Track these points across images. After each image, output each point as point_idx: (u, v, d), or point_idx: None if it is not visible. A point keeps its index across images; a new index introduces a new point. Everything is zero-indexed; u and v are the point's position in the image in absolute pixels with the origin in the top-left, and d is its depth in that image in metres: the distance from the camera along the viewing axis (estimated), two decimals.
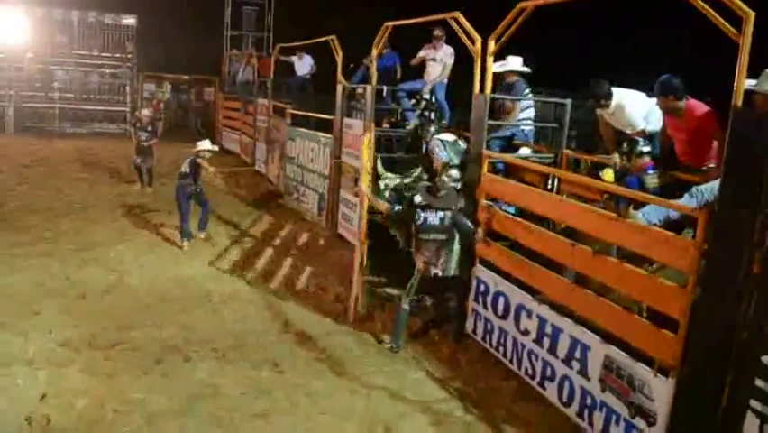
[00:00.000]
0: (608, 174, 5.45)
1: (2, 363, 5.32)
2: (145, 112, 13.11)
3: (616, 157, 5.58)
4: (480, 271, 6.09)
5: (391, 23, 8.07)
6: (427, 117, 9.54)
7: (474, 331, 6.18)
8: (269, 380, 5.41)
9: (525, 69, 7.71)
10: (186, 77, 23.06)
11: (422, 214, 6.03)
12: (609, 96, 5.93)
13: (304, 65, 15.05)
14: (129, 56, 22.40)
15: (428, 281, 6.14)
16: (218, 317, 6.66)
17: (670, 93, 5.10)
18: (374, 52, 8.63)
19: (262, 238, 9.69)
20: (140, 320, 6.39)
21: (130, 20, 22.50)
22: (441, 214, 6.02)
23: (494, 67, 6.34)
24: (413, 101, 9.83)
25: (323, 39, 10.48)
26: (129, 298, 6.98)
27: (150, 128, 12.29)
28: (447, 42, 9.36)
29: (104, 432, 4.54)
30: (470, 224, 6.05)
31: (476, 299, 6.15)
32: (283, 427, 4.76)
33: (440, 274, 6.06)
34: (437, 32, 9.35)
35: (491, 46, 6.02)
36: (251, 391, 5.22)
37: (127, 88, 21.43)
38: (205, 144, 9.17)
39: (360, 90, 10.25)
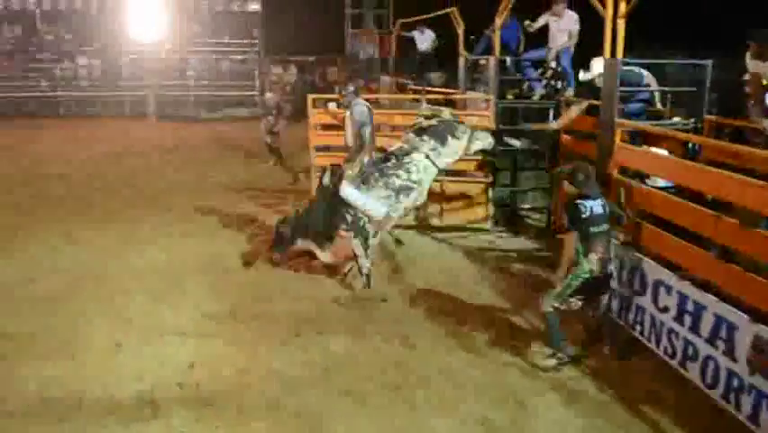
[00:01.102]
0: None
1: (156, 332, 5.80)
2: (269, 95, 13.64)
3: (766, 122, 5.15)
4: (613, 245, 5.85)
5: None
6: (554, 87, 9.24)
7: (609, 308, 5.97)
8: (400, 353, 5.52)
9: None
10: (310, 58, 23.63)
11: (586, 204, 5.09)
12: None
13: (425, 39, 14.95)
14: (256, 41, 23.35)
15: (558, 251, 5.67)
16: (349, 290, 6.84)
17: None
18: (497, 22, 8.45)
19: None
20: (278, 294, 6.71)
21: (255, 5, 23.44)
22: (599, 200, 5.15)
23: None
24: (540, 70, 9.54)
25: (443, 11, 10.39)
26: (267, 273, 7.31)
27: (275, 111, 12.77)
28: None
29: (247, 398, 4.83)
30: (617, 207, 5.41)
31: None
32: (415, 399, 4.84)
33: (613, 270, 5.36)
34: (557, 3, 9.04)
35: (622, 8, 5.71)
36: (383, 363, 5.35)
37: (255, 73, 22.32)
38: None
39: (482, 62, 10.09)
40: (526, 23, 10.17)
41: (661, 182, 6.04)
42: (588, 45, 9.02)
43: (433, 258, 7.85)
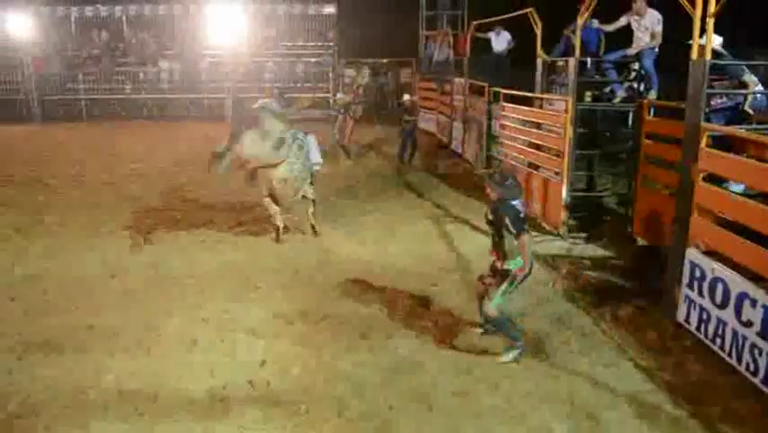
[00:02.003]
0: None
1: (229, 330, 5.94)
2: (339, 95, 14.68)
3: None
4: (694, 254, 5.59)
5: None
6: (636, 89, 8.92)
7: (687, 320, 5.70)
8: (468, 359, 5.43)
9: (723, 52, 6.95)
10: (383, 60, 23.72)
11: (518, 206, 5.35)
12: None
13: (501, 41, 14.76)
14: (330, 44, 23.65)
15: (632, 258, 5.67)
16: (418, 296, 6.77)
17: None
18: (579, 22, 8.20)
19: (463, 218, 9.67)
20: (347, 296, 6.74)
21: (330, 9, 23.76)
22: (520, 201, 5.43)
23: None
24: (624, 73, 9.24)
25: (520, 12, 10.18)
26: (336, 275, 7.36)
27: (342, 111, 13.75)
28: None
29: (315, 399, 4.86)
30: None
31: (690, 286, 5.66)
32: (482, 406, 4.77)
33: None
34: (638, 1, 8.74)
35: (712, 7, 5.44)
36: (451, 369, 5.28)
37: (330, 75, 22.57)
38: None
39: (560, 63, 9.84)
40: (565, 30, 9.96)
41: (736, 187, 5.74)
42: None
43: None
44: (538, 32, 9.69)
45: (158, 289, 6.94)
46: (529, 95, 9.90)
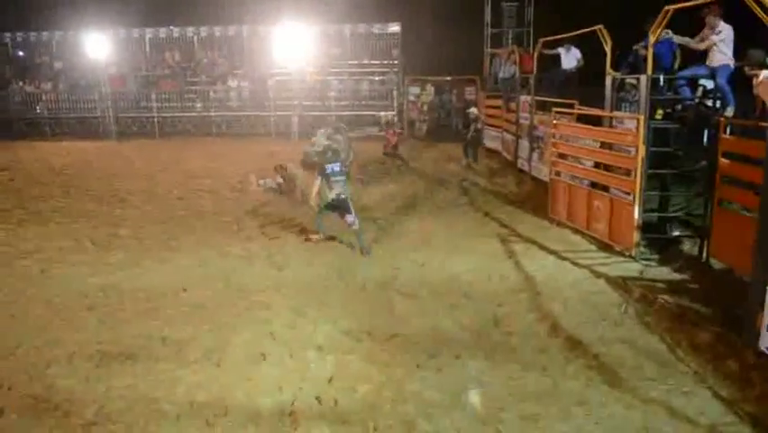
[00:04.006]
0: None
1: (297, 345, 5.98)
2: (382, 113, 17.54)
3: None
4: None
5: (672, 7, 7.42)
6: (709, 106, 8.62)
7: None
8: (538, 384, 5.32)
9: None
10: (447, 77, 23.72)
11: (328, 167, 8.94)
12: None
13: (570, 58, 14.51)
14: (395, 62, 23.85)
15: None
16: (486, 315, 6.68)
17: None
18: (651, 38, 8.00)
19: (530, 238, 9.53)
20: (414, 314, 6.70)
21: (395, 27, 24.02)
22: (338, 164, 9.04)
23: None
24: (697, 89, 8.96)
25: (589, 29, 10.02)
26: (403, 292, 7.34)
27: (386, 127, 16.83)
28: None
29: (383, 418, 4.84)
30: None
31: None
32: None
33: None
34: (711, 17, 8.45)
35: None
36: (520, 393, 5.18)
37: (394, 93, 22.73)
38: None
39: (630, 80, 9.62)
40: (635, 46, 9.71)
41: None
42: None
43: (572, 286, 7.52)
44: (608, 48, 9.51)
45: (227, 302, 7.08)
46: (599, 113, 9.70)
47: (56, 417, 4.89)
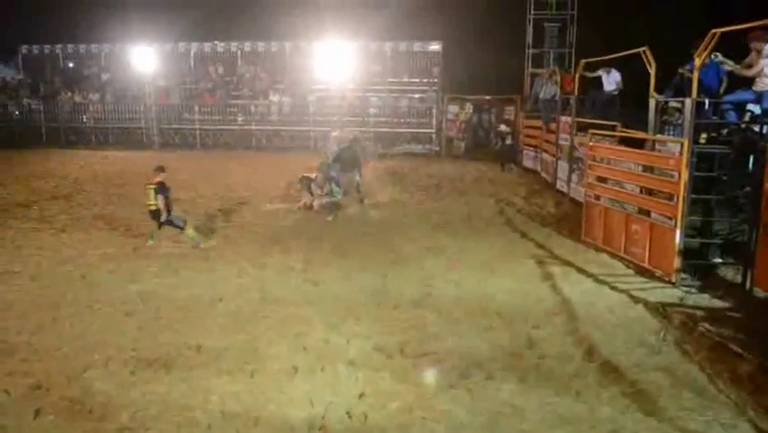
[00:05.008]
0: None
1: (330, 360, 5.98)
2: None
3: None
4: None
5: (719, 30, 7.31)
6: (756, 132, 8.44)
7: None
8: (571, 409, 5.21)
9: None
10: (487, 97, 23.71)
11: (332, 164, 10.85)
12: None
13: (611, 81, 14.39)
14: (435, 80, 23.93)
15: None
16: (520, 337, 6.60)
17: None
18: (697, 62, 7.88)
19: (566, 260, 9.40)
20: (447, 333, 6.65)
21: (436, 46, 24.16)
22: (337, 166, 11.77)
23: None
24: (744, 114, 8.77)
25: (634, 51, 9.90)
26: (437, 311, 7.30)
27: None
28: None
29: None
30: None
31: None
32: None
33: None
34: (758, 42, 8.29)
35: None
36: (553, 418, 5.09)
37: (433, 111, 22.78)
38: None
39: (673, 104, 9.47)
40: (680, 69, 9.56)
41: None
42: None
43: (610, 310, 7.38)
44: (652, 71, 9.39)
45: (261, 314, 7.14)
46: (641, 135, 9.57)
47: (91, 420, 4.98)
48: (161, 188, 9.52)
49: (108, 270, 8.73)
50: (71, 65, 27.44)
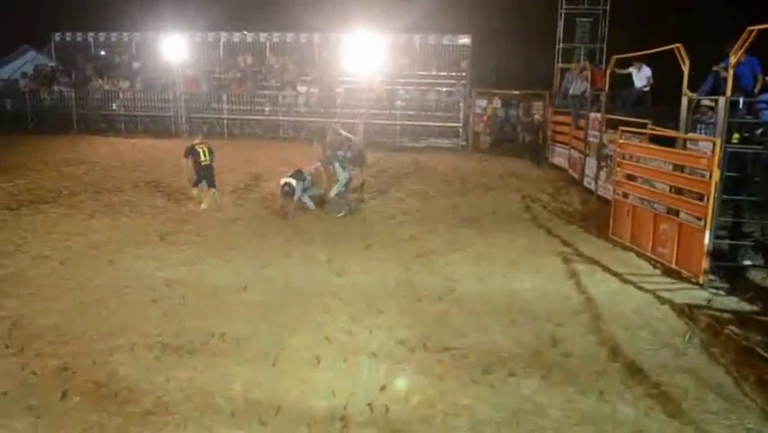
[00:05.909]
0: None
1: (352, 351, 6.01)
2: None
3: None
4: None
5: (756, 27, 7.15)
6: None
7: None
8: (595, 408, 5.17)
9: None
10: (515, 92, 23.52)
11: (339, 153, 11.13)
12: None
13: (641, 77, 14.16)
14: (463, 74, 23.80)
15: None
16: (544, 334, 6.55)
17: None
18: (732, 60, 7.73)
19: (592, 258, 9.30)
20: (470, 328, 6.63)
21: (465, 40, 24.06)
22: (343, 151, 11.44)
23: None
24: None
25: (667, 47, 9.74)
26: (460, 305, 7.28)
27: None
28: None
29: (433, 430, 4.81)
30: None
31: None
32: None
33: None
34: None
35: None
36: (575, 416, 5.05)
37: (461, 104, 22.67)
38: None
39: (706, 102, 9.31)
40: (714, 67, 9.36)
41: None
42: None
43: (635, 311, 7.30)
44: (685, 69, 9.24)
45: (285, 304, 7.18)
46: (673, 134, 9.42)
47: (116, 403, 5.06)
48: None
49: (136, 256, 8.85)
50: (102, 53, 27.82)
